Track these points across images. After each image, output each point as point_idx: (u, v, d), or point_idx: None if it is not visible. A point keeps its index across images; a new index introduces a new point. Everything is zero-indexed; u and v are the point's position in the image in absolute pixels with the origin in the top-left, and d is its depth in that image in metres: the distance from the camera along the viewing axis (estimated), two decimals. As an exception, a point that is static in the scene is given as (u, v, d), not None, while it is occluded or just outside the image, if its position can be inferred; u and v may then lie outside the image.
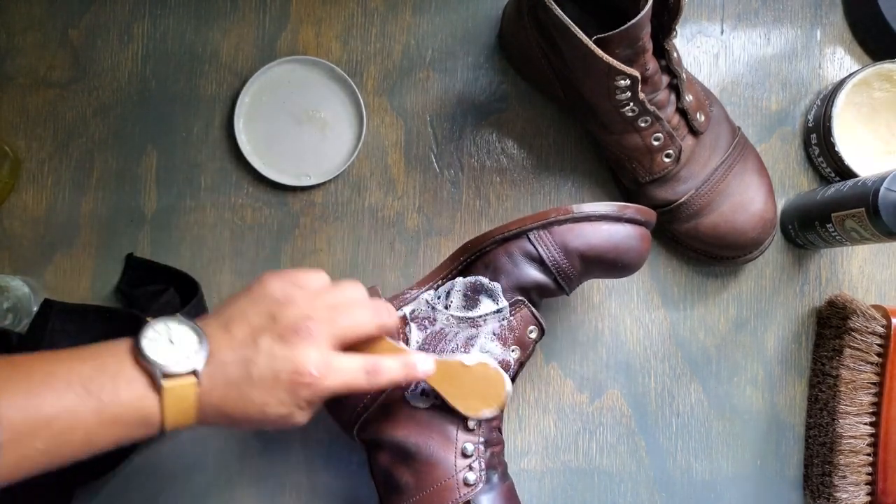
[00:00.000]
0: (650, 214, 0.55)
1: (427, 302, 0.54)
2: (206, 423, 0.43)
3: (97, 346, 0.42)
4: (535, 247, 0.53)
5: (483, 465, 0.51)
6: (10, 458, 0.37)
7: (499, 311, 0.53)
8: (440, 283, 0.56)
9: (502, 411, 0.53)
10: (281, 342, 0.42)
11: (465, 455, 0.51)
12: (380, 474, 0.53)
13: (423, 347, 0.53)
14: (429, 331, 0.53)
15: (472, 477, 0.50)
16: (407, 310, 0.55)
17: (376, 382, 0.45)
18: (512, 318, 0.53)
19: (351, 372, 0.44)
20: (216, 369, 0.42)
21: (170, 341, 0.42)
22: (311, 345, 0.43)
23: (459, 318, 0.53)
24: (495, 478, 0.52)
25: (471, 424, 0.51)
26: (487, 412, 0.51)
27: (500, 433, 0.55)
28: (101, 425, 0.39)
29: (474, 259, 0.55)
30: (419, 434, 0.51)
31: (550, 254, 0.52)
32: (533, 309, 0.54)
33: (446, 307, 0.53)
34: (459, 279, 0.54)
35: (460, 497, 0.50)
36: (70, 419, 0.39)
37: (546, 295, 0.55)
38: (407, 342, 0.53)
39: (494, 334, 0.53)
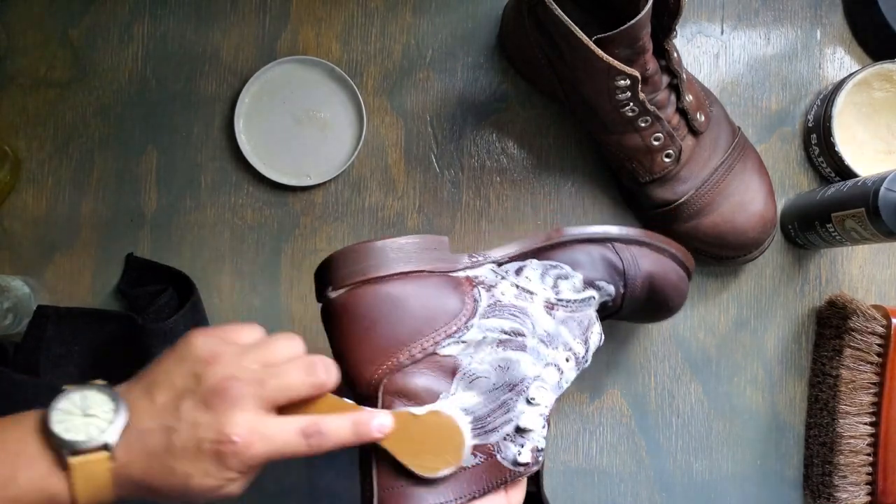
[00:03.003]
0: (691, 274, 0.58)
1: (494, 272, 0.50)
2: (130, 498, 0.39)
3: (7, 418, 0.39)
4: (618, 255, 0.53)
5: None
6: None
7: (583, 300, 0.50)
8: (509, 261, 0.52)
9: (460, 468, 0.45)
10: (203, 407, 0.39)
11: None
12: None
13: (487, 315, 0.47)
14: (494, 299, 0.48)
15: None
16: (470, 273, 0.50)
17: (319, 446, 0.41)
18: (584, 312, 0.51)
19: (284, 436, 0.40)
20: (135, 440, 0.39)
21: (84, 413, 0.39)
22: (236, 408, 0.39)
23: (534, 296, 0.49)
24: None
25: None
26: (446, 470, 0.44)
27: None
28: None
29: (550, 248, 0.53)
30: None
31: (630, 266, 0.53)
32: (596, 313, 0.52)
33: (518, 285, 0.49)
34: (534, 260, 0.52)
35: None
36: None
37: (602, 311, 0.54)
38: (475, 307, 0.48)
39: (563, 322, 0.49)
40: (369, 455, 0.44)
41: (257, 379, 0.40)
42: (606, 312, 0.54)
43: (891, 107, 0.64)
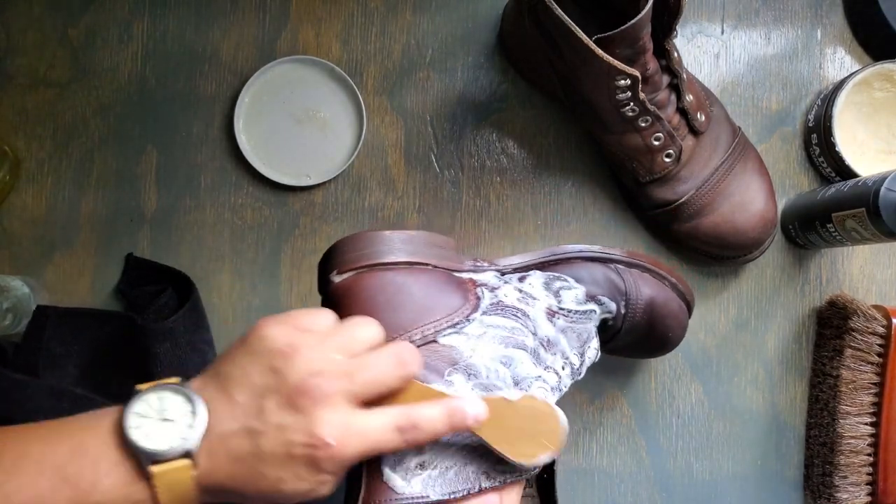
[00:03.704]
0: (692, 309, 0.58)
1: (497, 278, 0.50)
2: (217, 500, 0.38)
3: (80, 419, 0.38)
4: (620, 276, 0.53)
5: None
6: None
7: (584, 312, 0.50)
8: (512, 271, 0.52)
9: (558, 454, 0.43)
10: (290, 408, 0.36)
11: None
12: None
13: (489, 312, 0.47)
14: (497, 299, 0.48)
15: None
16: (474, 276, 0.50)
17: (414, 439, 0.38)
18: (584, 325, 0.51)
19: (379, 432, 0.38)
20: (219, 444, 0.37)
21: (161, 417, 0.37)
22: (325, 407, 0.36)
23: (536, 301, 0.49)
24: None
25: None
26: (544, 456, 0.41)
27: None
28: None
29: (553, 262, 0.53)
30: None
31: (632, 288, 0.53)
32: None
33: (521, 290, 0.50)
34: (537, 271, 0.52)
35: None
36: None
37: (603, 330, 0.54)
38: (477, 303, 0.47)
39: (562, 331, 0.49)
40: None
41: (344, 372, 0.38)
42: (607, 334, 0.54)
43: (891, 107, 0.64)
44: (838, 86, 0.63)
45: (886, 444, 0.60)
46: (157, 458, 0.36)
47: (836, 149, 0.62)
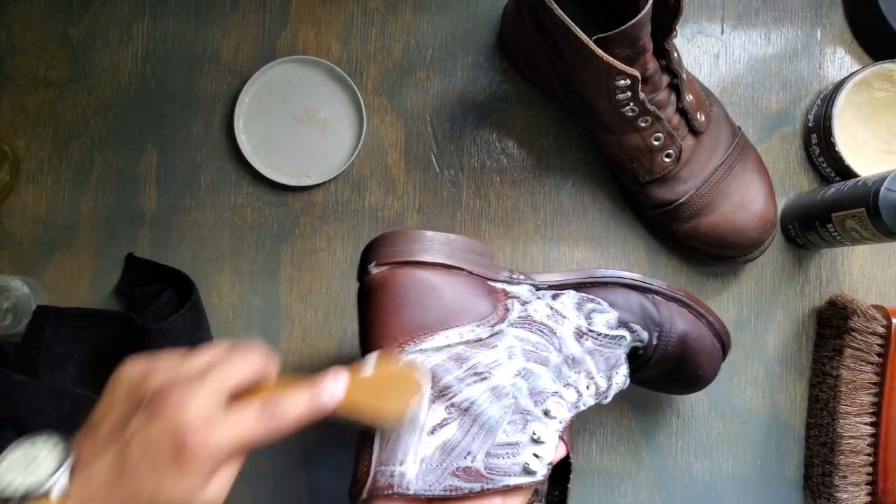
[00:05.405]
0: (727, 350, 0.57)
1: (531, 292, 0.51)
2: None
3: None
4: (656, 307, 0.53)
5: None
6: None
7: (614, 337, 0.51)
8: (547, 288, 0.53)
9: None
10: (151, 417, 0.37)
11: None
12: None
13: (515, 325, 0.48)
14: (525, 313, 0.49)
15: None
16: (507, 287, 0.51)
17: (279, 425, 0.39)
18: (613, 350, 0.51)
19: (242, 422, 0.39)
20: (89, 477, 0.37)
21: (29, 462, 0.38)
22: (185, 407, 0.37)
23: (566, 321, 0.50)
24: None
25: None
26: (411, 410, 0.43)
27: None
28: None
29: (591, 285, 0.54)
30: None
31: (666, 320, 0.53)
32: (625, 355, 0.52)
33: (552, 307, 0.50)
34: (572, 291, 0.52)
35: None
36: None
37: (633, 359, 0.54)
38: (506, 314, 0.48)
39: (590, 353, 0.50)
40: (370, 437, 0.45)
41: (199, 376, 0.39)
42: (637, 364, 0.54)
43: (891, 107, 0.64)
44: (838, 86, 0.63)
45: (886, 444, 0.60)
46: (25, 500, 0.36)
47: (836, 149, 0.62)
